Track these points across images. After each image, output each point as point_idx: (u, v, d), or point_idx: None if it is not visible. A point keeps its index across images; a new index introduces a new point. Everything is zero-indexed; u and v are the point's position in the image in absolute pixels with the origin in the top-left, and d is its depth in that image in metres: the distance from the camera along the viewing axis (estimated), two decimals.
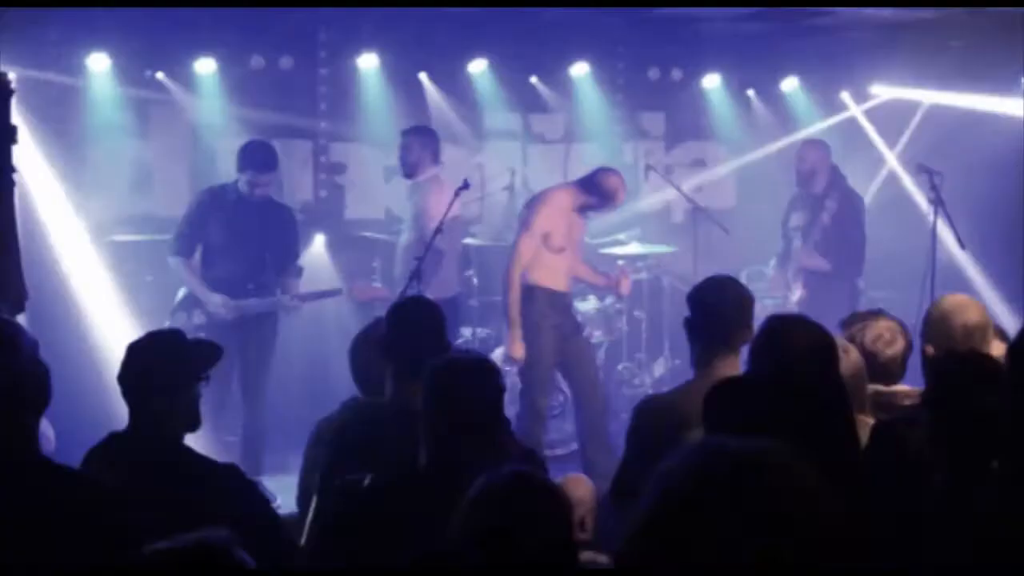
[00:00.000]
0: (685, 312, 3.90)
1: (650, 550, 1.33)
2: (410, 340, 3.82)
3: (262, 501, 3.48)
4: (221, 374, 5.05)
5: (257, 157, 6.70)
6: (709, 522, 1.29)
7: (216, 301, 6.61)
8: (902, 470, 2.93)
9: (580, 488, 3.94)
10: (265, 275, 6.76)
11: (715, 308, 3.77)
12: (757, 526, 1.29)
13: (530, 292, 6.73)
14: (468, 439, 3.04)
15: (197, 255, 6.80)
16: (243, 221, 6.68)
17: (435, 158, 7.20)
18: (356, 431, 3.75)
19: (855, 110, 9.55)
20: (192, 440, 3.45)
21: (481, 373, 3.15)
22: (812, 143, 8.10)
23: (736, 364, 3.80)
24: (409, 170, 7.18)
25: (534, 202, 7.00)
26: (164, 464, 3.23)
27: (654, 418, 3.72)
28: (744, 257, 8.48)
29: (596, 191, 6.89)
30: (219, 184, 6.90)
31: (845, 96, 9.52)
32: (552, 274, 6.81)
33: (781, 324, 3.35)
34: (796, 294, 7.71)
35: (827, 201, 7.69)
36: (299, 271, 6.94)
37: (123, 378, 3.31)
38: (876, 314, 4.15)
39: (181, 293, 6.82)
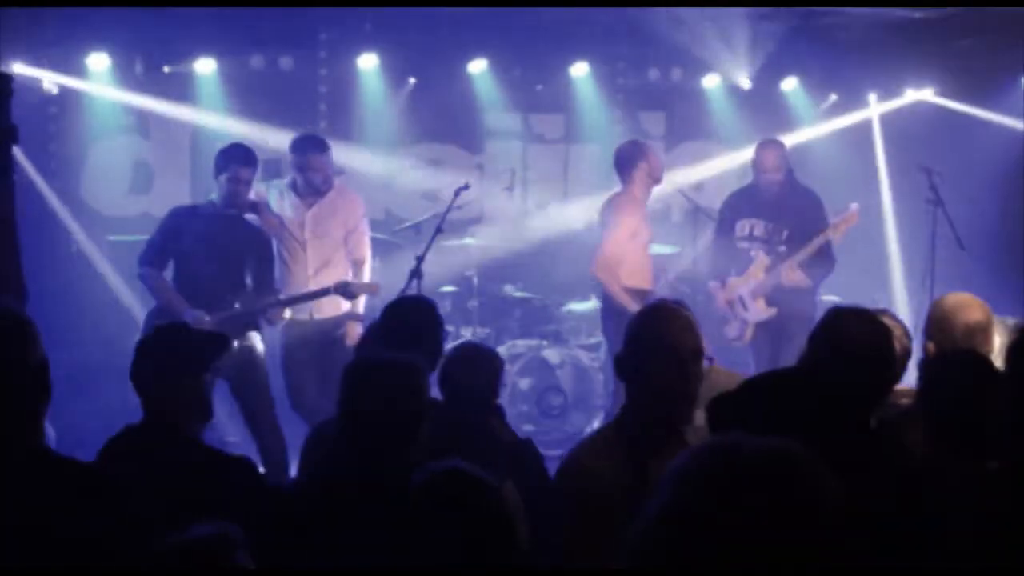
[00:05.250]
0: None
1: (660, 549, 1.33)
2: (405, 339, 3.82)
3: (273, 495, 3.48)
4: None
5: (238, 152, 6.17)
6: (720, 521, 1.29)
7: (196, 316, 5.86)
8: (900, 468, 2.92)
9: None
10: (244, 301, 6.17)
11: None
12: (769, 525, 1.29)
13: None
14: (387, 438, 3.05)
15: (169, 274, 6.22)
16: (218, 239, 6.10)
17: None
18: None
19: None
20: None
21: (392, 374, 3.12)
22: (773, 144, 7.12)
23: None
24: (329, 186, 6.59)
25: (614, 206, 6.76)
26: (177, 456, 3.25)
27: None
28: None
29: (638, 159, 6.75)
30: (190, 204, 6.50)
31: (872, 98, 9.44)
32: (640, 272, 6.71)
33: (838, 318, 3.28)
34: (763, 313, 6.83)
35: (832, 219, 6.82)
36: (276, 293, 6.35)
37: (135, 373, 3.34)
38: (879, 313, 4.10)
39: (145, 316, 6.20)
